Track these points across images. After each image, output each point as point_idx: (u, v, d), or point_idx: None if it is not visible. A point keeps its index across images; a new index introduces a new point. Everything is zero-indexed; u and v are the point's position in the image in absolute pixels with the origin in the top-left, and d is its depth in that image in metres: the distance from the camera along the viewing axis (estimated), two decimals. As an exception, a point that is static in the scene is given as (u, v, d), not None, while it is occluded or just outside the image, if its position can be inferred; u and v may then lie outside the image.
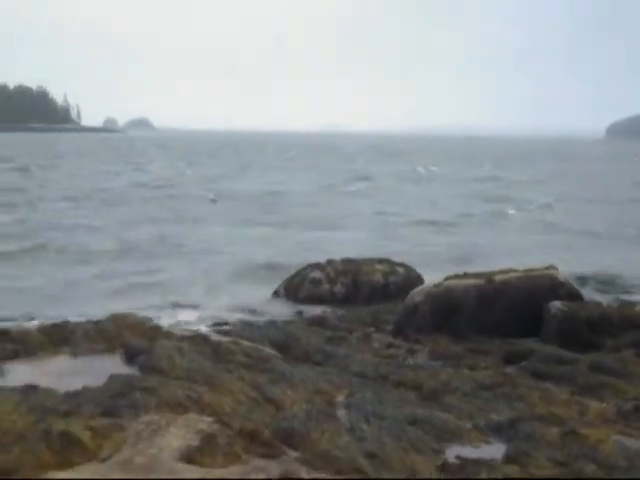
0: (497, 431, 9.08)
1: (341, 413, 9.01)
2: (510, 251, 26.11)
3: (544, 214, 40.04)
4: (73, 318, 13.15)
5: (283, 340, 12.88)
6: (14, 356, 10.49)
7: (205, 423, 7.36)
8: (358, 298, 17.67)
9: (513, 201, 45.89)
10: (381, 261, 18.85)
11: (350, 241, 27.82)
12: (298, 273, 18.45)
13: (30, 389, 8.70)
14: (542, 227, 34.66)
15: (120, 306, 15.69)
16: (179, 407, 8.14)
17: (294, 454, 7.27)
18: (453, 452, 8.34)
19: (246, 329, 14.43)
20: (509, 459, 8.14)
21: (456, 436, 8.81)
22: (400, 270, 18.45)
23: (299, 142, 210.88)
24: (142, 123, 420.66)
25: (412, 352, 13.02)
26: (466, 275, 14.83)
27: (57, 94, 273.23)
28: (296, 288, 18.06)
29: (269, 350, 12.00)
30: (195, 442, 6.96)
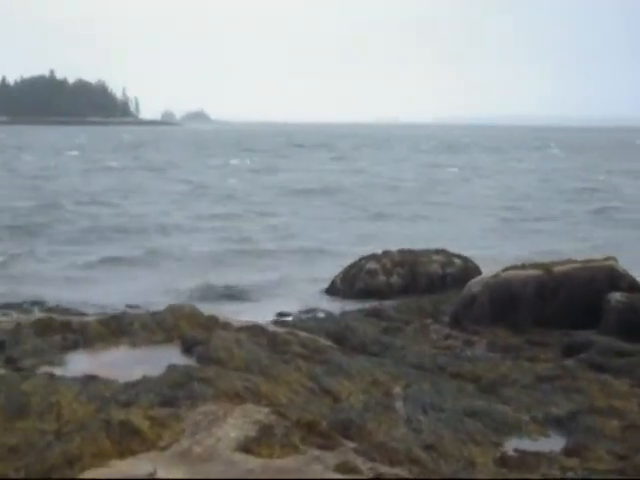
0: (556, 424, 8.99)
1: (398, 404, 9.00)
2: None
3: None
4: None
5: (339, 331, 12.86)
6: (75, 347, 10.64)
7: (262, 414, 7.38)
8: (415, 289, 17.58)
9: None
10: (438, 252, 18.72)
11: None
12: (354, 264, 18.41)
13: (90, 379, 8.82)
14: None
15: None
16: (236, 398, 8.18)
17: (351, 445, 7.27)
18: (512, 445, 8.28)
19: (303, 320, 14.48)
20: (569, 452, 8.06)
21: (515, 429, 8.75)
22: (457, 261, 18.32)
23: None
24: (199, 116, 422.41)
25: (470, 343, 12.94)
26: (524, 266, 14.67)
27: (116, 88, 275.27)
28: (352, 279, 18.03)
29: (325, 341, 12.00)
30: (252, 433, 6.99)
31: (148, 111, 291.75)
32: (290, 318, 15.03)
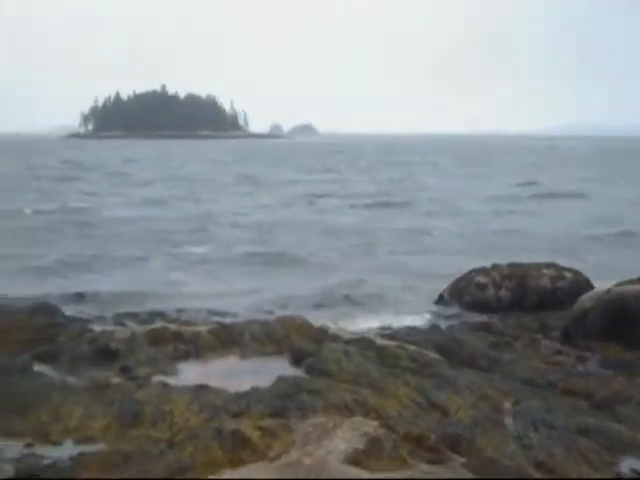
0: (673, 443, 8.71)
1: (507, 420, 8.88)
2: None
3: None
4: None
5: (448, 345, 12.77)
6: (186, 356, 10.89)
7: (371, 427, 7.38)
8: (524, 303, 17.31)
9: None
10: (548, 265, 18.39)
11: None
12: (463, 277, 18.25)
13: (201, 388, 9.00)
14: None
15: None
16: (345, 410, 8.22)
17: (460, 460, 7.21)
18: (627, 465, 8.07)
19: (411, 333, 14.40)
20: (687, 473, 7.82)
21: (630, 448, 8.51)
22: (568, 275, 17.96)
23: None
24: (306, 129, 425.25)
25: (581, 359, 12.67)
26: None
27: (225, 102, 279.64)
28: (461, 292, 17.87)
29: (434, 355, 11.94)
30: (361, 445, 6.99)
31: (257, 124, 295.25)
32: (398, 331, 14.97)
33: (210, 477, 6.52)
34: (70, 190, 49.12)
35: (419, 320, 16.37)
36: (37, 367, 10.53)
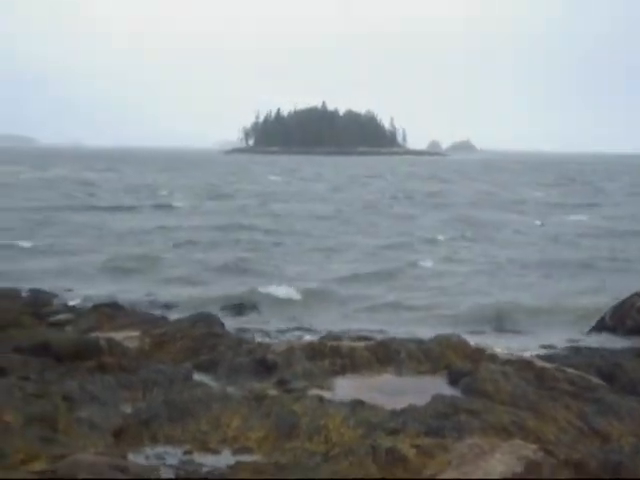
0: None
1: (672, 450, 8.50)
2: None
3: None
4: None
5: (609, 369, 12.36)
6: (342, 371, 10.96)
7: (530, 450, 7.22)
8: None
9: None
10: None
11: None
12: (626, 301, 17.66)
13: (357, 404, 9.02)
14: None
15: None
16: (503, 432, 8.08)
17: (623, 489, 6.96)
18: None
19: (570, 356, 14.03)
20: None
21: None
22: None
23: None
24: (464, 146, 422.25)
25: None
26: None
27: (384, 118, 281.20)
28: (623, 316, 17.30)
29: (595, 379, 11.58)
30: (519, 469, 6.86)
31: (415, 141, 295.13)
32: (557, 353, 14.63)
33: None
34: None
35: (579, 343, 15.97)
36: (197, 376, 10.86)
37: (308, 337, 14.70)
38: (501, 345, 14.66)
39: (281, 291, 20.48)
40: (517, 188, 74.72)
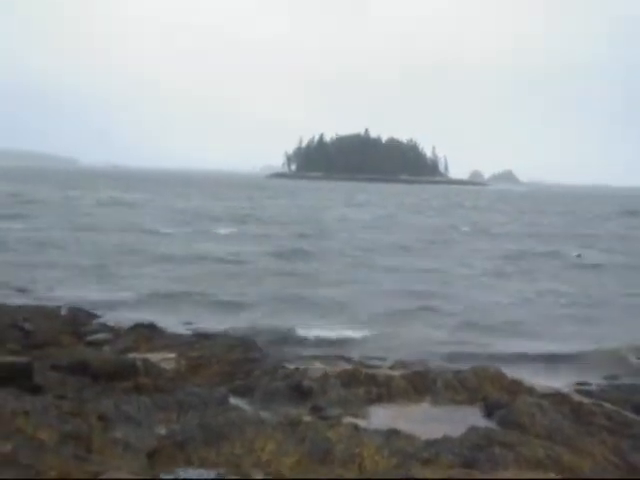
0: None
1: None
2: None
3: None
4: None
5: (647, 405, 12.21)
6: (378, 400, 10.92)
7: (565, 485, 7.15)
8: None
9: None
10: None
11: None
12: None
13: (392, 433, 8.96)
14: None
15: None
16: (538, 466, 7.99)
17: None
18: None
19: (607, 391, 13.89)
20: None
21: None
22: None
23: None
24: (507, 176, 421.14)
25: None
26: None
27: (426, 146, 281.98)
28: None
29: (632, 415, 11.44)
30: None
31: (456, 171, 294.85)
32: (594, 388, 14.47)
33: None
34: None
35: (616, 378, 15.78)
36: (233, 400, 10.88)
37: (343, 363, 14.63)
38: (538, 378, 14.52)
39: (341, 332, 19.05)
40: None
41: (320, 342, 17.83)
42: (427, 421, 9.97)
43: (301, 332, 18.47)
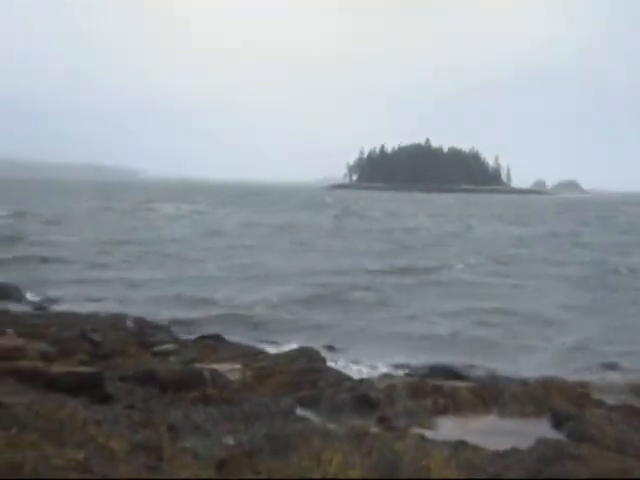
0: None
1: None
2: None
3: None
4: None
5: None
6: (444, 411, 10.87)
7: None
8: None
9: None
10: None
11: None
12: None
13: (460, 445, 8.90)
14: None
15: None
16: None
17: None
18: None
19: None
20: None
21: None
22: None
23: None
24: (570, 185, 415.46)
25: None
26: None
27: (488, 156, 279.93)
28: None
29: None
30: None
31: (519, 180, 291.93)
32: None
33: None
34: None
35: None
36: (299, 411, 10.91)
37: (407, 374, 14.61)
38: (606, 389, 14.32)
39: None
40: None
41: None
42: (495, 433, 9.89)
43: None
